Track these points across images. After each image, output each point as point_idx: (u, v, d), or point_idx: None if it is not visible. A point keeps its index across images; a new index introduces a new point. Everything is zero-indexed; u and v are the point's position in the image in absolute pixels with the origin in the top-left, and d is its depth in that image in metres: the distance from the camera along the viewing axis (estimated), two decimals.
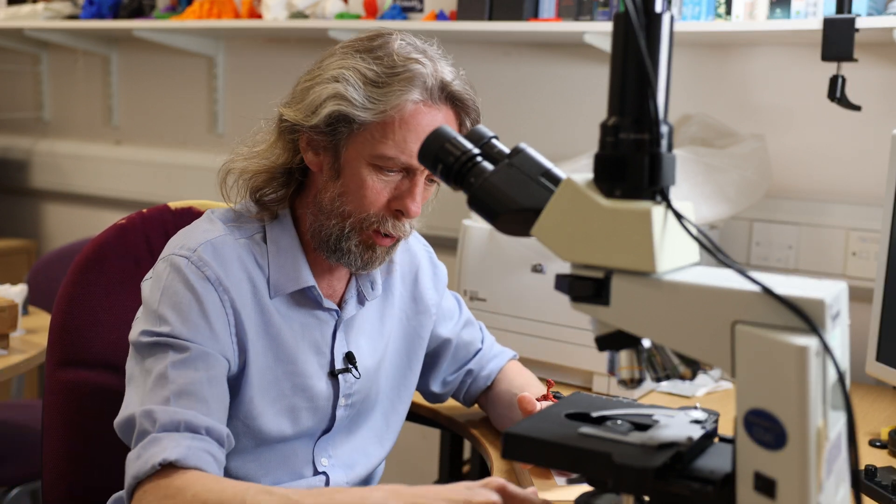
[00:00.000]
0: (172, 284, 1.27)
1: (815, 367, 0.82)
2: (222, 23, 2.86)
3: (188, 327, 1.24)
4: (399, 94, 1.26)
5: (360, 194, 1.30)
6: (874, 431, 1.70)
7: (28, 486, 2.45)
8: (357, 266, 1.35)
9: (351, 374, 1.41)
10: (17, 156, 3.85)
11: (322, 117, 1.27)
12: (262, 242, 1.35)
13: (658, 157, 0.91)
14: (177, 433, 1.16)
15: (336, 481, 1.41)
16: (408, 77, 1.27)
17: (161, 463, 1.13)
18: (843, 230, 2.16)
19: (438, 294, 1.58)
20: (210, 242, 1.30)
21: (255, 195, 1.35)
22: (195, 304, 1.25)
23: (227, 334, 1.27)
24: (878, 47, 2.07)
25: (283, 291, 1.34)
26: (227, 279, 1.28)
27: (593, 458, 0.95)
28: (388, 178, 1.30)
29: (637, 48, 0.90)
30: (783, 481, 0.83)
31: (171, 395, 1.19)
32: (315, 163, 1.33)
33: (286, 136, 1.34)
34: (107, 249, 1.54)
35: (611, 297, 0.93)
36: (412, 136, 1.27)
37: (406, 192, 1.30)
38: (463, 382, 1.64)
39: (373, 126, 1.28)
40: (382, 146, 1.27)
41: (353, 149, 1.29)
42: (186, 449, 1.14)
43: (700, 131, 2.23)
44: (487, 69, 2.69)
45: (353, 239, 1.32)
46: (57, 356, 1.54)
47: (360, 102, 1.26)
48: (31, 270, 2.95)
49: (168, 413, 1.17)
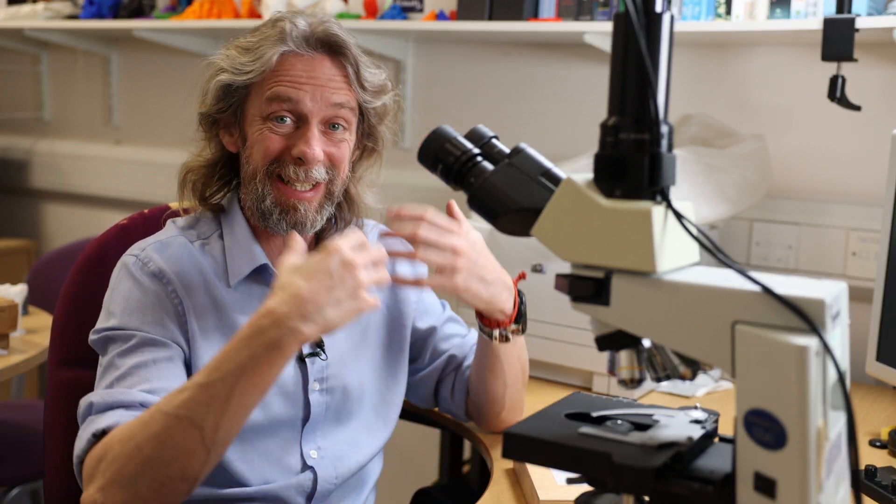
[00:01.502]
0: (120, 282, 1.36)
1: (815, 367, 0.82)
2: (222, 23, 2.86)
3: (133, 318, 1.31)
4: (268, 50, 1.35)
5: (258, 147, 1.37)
6: (874, 431, 1.70)
7: (28, 486, 2.45)
8: (285, 227, 1.38)
9: (318, 357, 1.42)
10: (17, 156, 3.85)
11: (212, 95, 1.38)
12: (220, 239, 1.42)
13: (658, 157, 0.91)
14: (110, 411, 1.22)
15: (324, 475, 1.41)
16: (275, 34, 1.36)
17: (95, 434, 1.19)
18: (843, 230, 2.16)
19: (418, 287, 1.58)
20: (160, 241, 1.39)
21: (200, 193, 1.44)
22: (140, 296, 1.32)
23: (174, 323, 1.33)
24: (878, 47, 2.07)
25: (240, 275, 1.39)
26: (171, 272, 1.35)
27: (593, 458, 0.95)
28: (281, 128, 1.36)
29: (637, 48, 0.90)
30: (783, 481, 0.83)
31: (114, 379, 1.26)
32: (231, 143, 1.43)
33: (208, 129, 1.43)
34: (109, 249, 1.56)
35: (611, 297, 0.93)
36: (287, 82, 1.35)
37: (300, 137, 1.36)
38: (445, 372, 1.60)
39: (255, 87, 1.37)
40: (264, 100, 1.36)
41: (248, 115, 1.38)
42: (118, 417, 1.20)
43: (700, 131, 2.22)
44: (487, 69, 2.69)
45: (267, 197, 1.37)
46: (59, 355, 1.56)
47: (236, 69, 1.35)
48: (31, 270, 2.95)
49: (103, 396, 1.24)
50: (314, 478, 1.40)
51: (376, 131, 1.46)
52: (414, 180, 2.74)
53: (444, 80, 2.76)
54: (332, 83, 1.37)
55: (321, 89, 1.36)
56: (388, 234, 1.41)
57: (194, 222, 1.44)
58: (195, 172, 1.44)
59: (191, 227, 1.43)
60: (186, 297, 1.34)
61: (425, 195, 2.67)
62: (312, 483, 1.40)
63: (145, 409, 1.21)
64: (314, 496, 1.41)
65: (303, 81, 1.35)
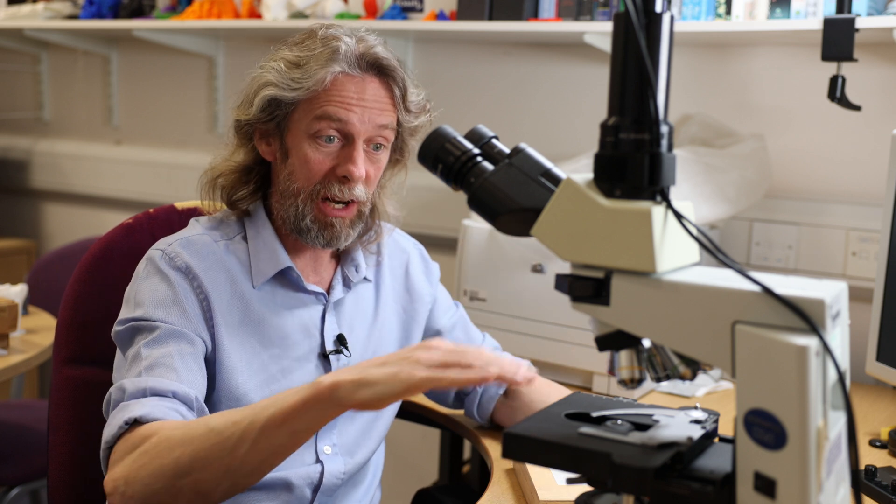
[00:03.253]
0: (146, 276, 1.36)
1: (815, 367, 0.82)
2: (222, 23, 2.86)
3: (159, 310, 1.32)
4: (320, 69, 1.35)
5: (305, 168, 1.38)
6: (874, 431, 1.70)
7: (28, 486, 2.45)
8: (322, 243, 1.41)
9: (342, 353, 1.45)
10: (17, 156, 3.85)
11: (257, 106, 1.37)
12: (243, 241, 1.44)
13: (658, 157, 0.91)
14: (143, 398, 1.22)
15: (332, 470, 1.43)
16: (327, 53, 1.36)
17: (127, 421, 1.19)
18: (843, 230, 2.16)
19: (431, 286, 1.62)
20: (186, 238, 1.40)
21: (228, 196, 1.44)
22: (167, 289, 1.34)
23: (199, 318, 1.34)
24: (878, 47, 2.07)
25: (264, 277, 1.41)
26: (197, 267, 1.36)
27: (593, 458, 0.95)
28: (327, 147, 1.38)
29: (637, 48, 0.90)
30: (783, 481, 0.83)
31: (143, 369, 1.26)
32: (268, 152, 1.43)
33: (242, 135, 1.44)
34: (114, 248, 1.58)
35: (611, 297, 0.93)
36: (339, 103, 1.36)
37: (346, 157, 1.37)
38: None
39: (304, 103, 1.37)
40: (314, 119, 1.36)
41: (292, 129, 1.39)
42: (152, 407, 1.20)
43: (700, 131, 2.23)
44: (487, 69, 2.69)
45: (308, 215, 1.39)
46: (64, 353, 1.57)
47: (286, 84, 1.35)
48: (31, 270, 2.95)
49: (135, 383, 1.24)
50: (322, 471, 1.42)
51: (407, 146, 1.48)
52: (414, 180, 2.75)
53: (444, 80, 2.76)
54: (379, 105, 1.39)
55: (369, 111, 1.37)
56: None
57: (218, 223, 1.45)
58: (226, 177, 1.44)
59: (215, 228, 1.44)
60: (213, 294, 1.36)
61: (425, 195, 2.68)
62: (319, 476, 1.42)
63: (177, 398, 1.24)
64: (319, 489, 1.43)
65: (353, 103, 1.36)
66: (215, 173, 1.44)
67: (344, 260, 1.50)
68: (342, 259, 1.51)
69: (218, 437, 1.12)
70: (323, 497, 1.44)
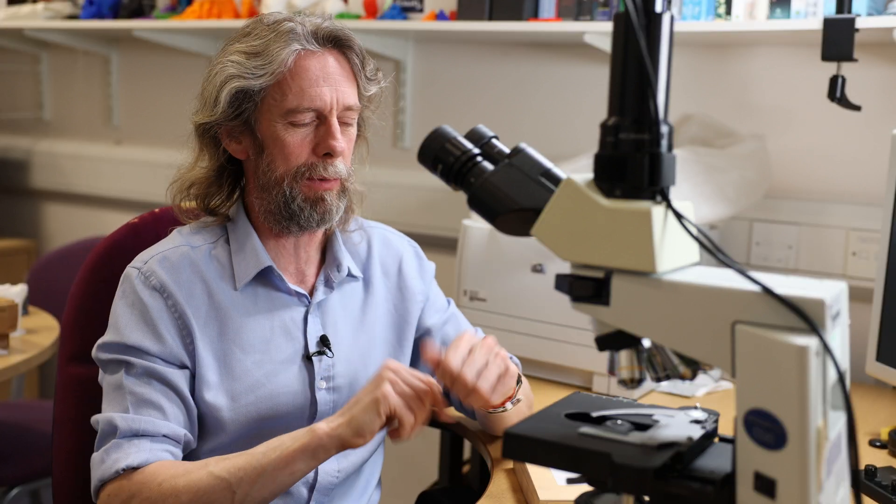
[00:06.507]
0: (122, 296, 1.39)
1: (815, 367, 0.82)
2: (222, 23, 2.86)
3: (135, 333, 1.35)
4: (279, 51, 1.35)
5: (284, 153, 1.37)
6: (874, 431, 1.70)
7: (28, 486, 2.45)
8: (316, 220, 1.40)
9: (325, 355, 1.44)
10: (17, 156, 3.85)
11: (224, 103, 1.36)
12: (226, 244, 1.44)
13: (658, 157, 0.91)
14: (136, 439, 1.29)
15: (326, 468, 1.43)
16: (282, 35, 1.36)
17: (124, 469, 1.26)
18: (843, 230, 2.16)
19: (425, 284, 1.60)
20: (162, 253, 1.40)
21: (205, 205, 1.45)
22: (142, 311, 1.36)
23: (175, 337, 1.36)
24: (878, 47, 2.07)
25: (246, 278, 1.41)
26: (172, 285, 1.37)
27: (593, 458, 0.95)
28: (303, 129, 1.37)
29: (637, 48, 0.90)
30: (783, 481, 0.83)
31: (130, 405, 1.31)
32: (240, 150, 1.42)
33: (206, 139, 1.42)
34: (119, 247, 1.59)
35: (611, 297, 0.93)
36: (306, 81, 1.36)
37: (325, 134, 1.37)
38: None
39: (271, 90, 1.36)
40: (285, 102, 1.36)
41: (264, 119, 1.38)
42: (147, 453, 1.28)
43: (700, 131, 2.22)
44: (487, 69, 2.69)
45: (297, 196, 1.39)
46: (69, 351, 1.58)
47: (250, 73, 1.35)
48: (31, 270, 2.95)
49: (126, 421, 1.30)
50: (316, 470, 1.41)
51: (365, 120, 1.49)
52: (414, 180, 2.75)
53: (444, 80, 2.76)
54: (344, 78, 1.39)
55: (336, 85, 1.38)
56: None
57: (199, 229, 1.45)
58: (198, 185, 1.44)
59: (197, 233, 1.44)
60: (189, 309, 1.37)
61: (425, 195, 2.68)
62: (314, 474, 1.42)
63: (169, 440, 1.31)
64: (315, 488, 1.43)
65: (320, 78, 1.37)
66: (186, 183, 1.44)
67: (328, 260, 1.49)
68: (326, 260, 1.50)
69: (221, 483, 1.24)
70: (319, 496, 1.44)
